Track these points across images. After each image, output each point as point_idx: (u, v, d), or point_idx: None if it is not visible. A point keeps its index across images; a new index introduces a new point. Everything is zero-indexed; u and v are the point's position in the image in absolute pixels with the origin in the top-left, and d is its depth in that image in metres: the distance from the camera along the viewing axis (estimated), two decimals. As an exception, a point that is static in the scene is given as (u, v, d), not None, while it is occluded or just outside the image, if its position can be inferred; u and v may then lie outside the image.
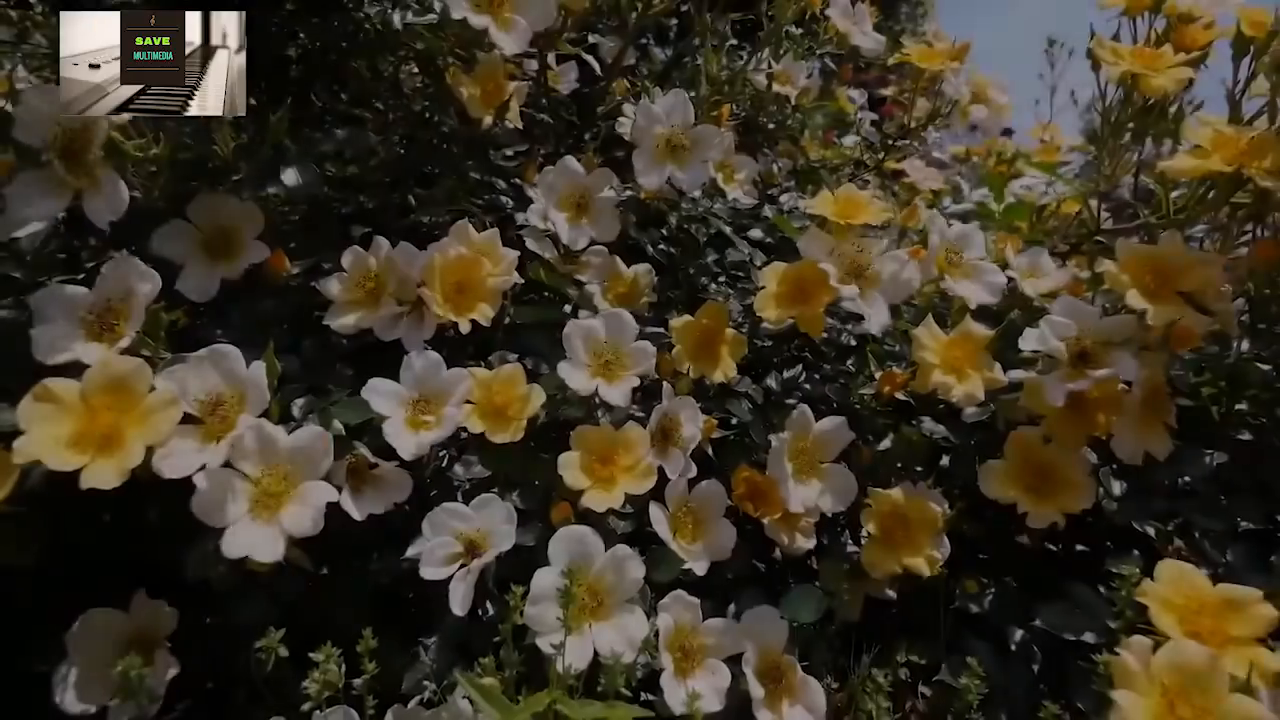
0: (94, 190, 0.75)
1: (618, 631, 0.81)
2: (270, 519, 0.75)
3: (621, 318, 0.98)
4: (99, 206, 0.74)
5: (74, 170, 0.74)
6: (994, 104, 1.25)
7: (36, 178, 0.75)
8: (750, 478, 1.02)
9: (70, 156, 0.75)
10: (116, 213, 0.75)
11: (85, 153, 0.75)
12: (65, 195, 0.75)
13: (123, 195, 0.74)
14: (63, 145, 0.75)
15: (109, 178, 0.75)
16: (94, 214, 0.74)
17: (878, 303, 0.92)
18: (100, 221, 0.75)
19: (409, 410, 0.90)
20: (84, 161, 0.75)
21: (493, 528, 0.83)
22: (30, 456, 0.64)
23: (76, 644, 0.80)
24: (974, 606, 1.06)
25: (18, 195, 0.74)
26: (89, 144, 0.75)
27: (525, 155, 1.45)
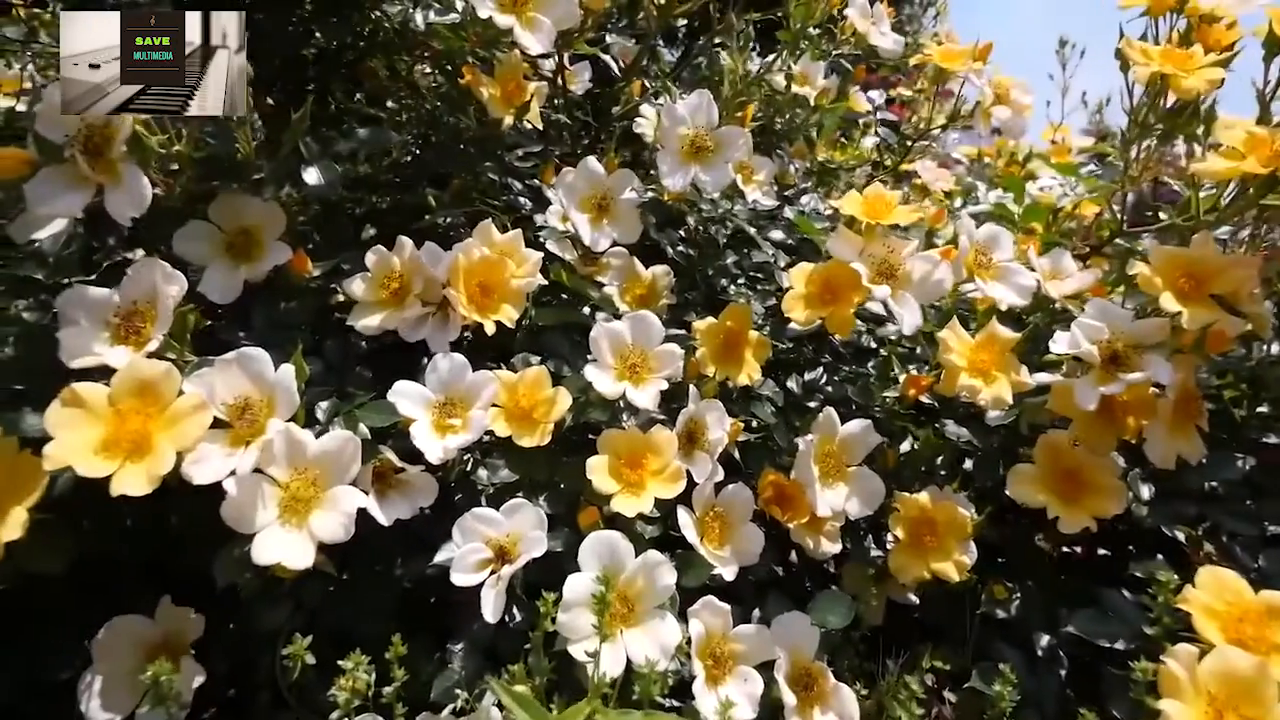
0: (116, 185, 0.74)
1: (650, 638, 0.80)
2: (300, 525, 0.74)
3: (647, 320, 0.97)
4: (121, 202, 0.73)
5: (96, 165, 0.73)
6: (1016, 105, 1.24)
7: (58, 173, 0.73)
8: (777, 481, 1.01)
9: (92, 151, 0.73)
10: (139, 208, 0.74)
11: (108, 148, 0.73)
12: (87, 190, 0.73)
13: (145, 190, 0.73)
14: (85, 140, 0.74)
15: (132, 172, 0.73)
16: (116, 209, 0.73)
17: (910, 304, 0.91)
18: (123, 217, 0.73)
19: (434, 413, 0.89)
20: (106, 157, 0.73)
21: (523, 533, 0.82)
22: (61, 462, 0.63)
23: (102, 651, 0.79)
24: (1000, 612, 1.05)
25: (39, 190, 0.73)
26: (111, 139, 0.74)
27: (539, 156, 1.44)
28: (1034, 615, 1.06)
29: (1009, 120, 1.23)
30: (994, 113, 1.23)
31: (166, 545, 0.89)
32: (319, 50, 1.18)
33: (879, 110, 1.63)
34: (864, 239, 0.94)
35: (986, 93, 1.22)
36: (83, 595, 0.87)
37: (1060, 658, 1.04)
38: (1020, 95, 1.25)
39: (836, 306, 0.94)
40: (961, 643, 1.07)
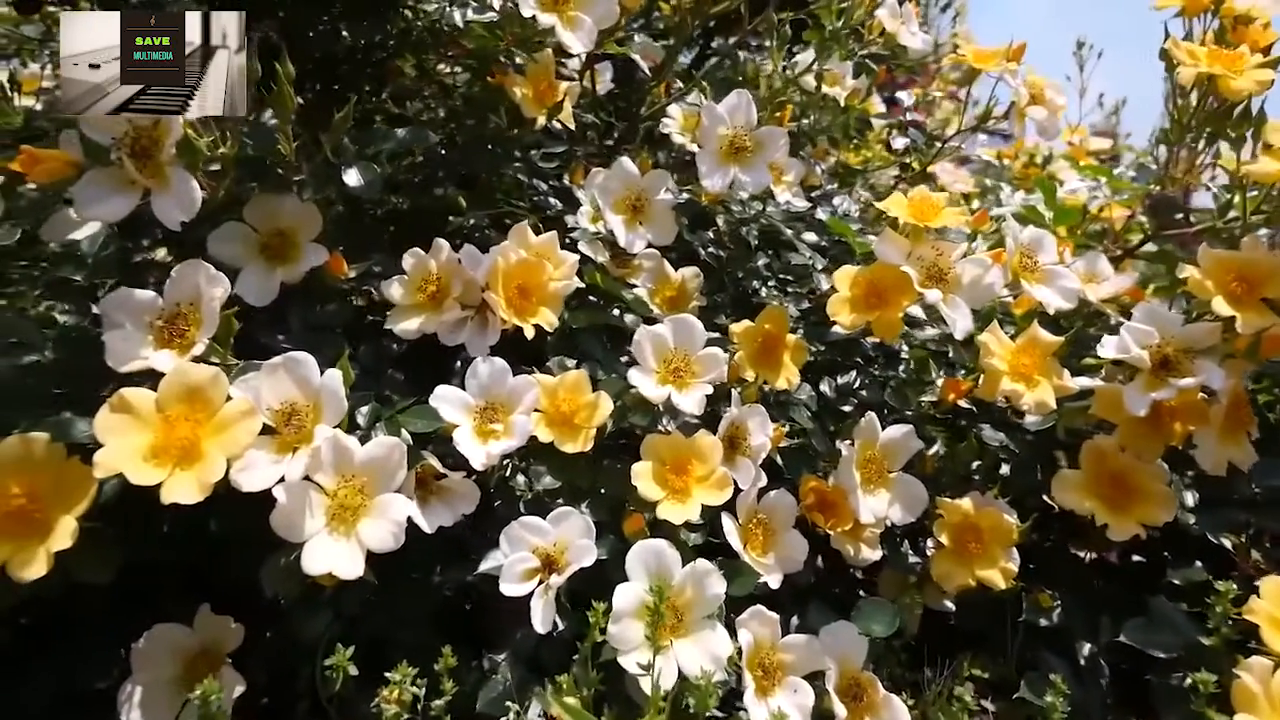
0: (164, 189, 0.72)
1: (700, 649, 0.78)
2: (348, 533, 0.72)
3: (689, 323, 0.95)
4: (169, 205, 0.72)
5: (143, 168, 0.71)
6: (1051, 105, 1.23)
7: (104, 176, 0.72)
8: (818, 487, 0.99)
9: (140, 154, 0.72)
10: (189, 212, 0.72)
11: (155, 150, 0.72)
12: (134, 194, 0.72)
13: (195, 194, 0.72)
14: (132, 142, 0.72)
15: (180, 176, 0.72)
16: (164, 213, 0.72)
17: (961, 308, 0.90)
18: (171, 221, 0.72)
19: (475, 419, 0.87)
20: (154, 159, 0.72)
21: (571, 542, 0.81)
22: (112, 470, 0.61)
23: (141, 661, 0.77)
24: (1043, 620, 1.04)
25: (85, 193, 0.71)
26: (159, 141, 0.72)
27: (561, 156, 1.43)
28: (1076, 623, 1.05)
29: (1045, 121, 1.21)
30: (1029, 113, 1.21)
31: (204, 552, 0.87)
32: (346, 49, 1.17)
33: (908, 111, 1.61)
34: (911, 241, 0.93)
35: (1022, 93, 1.20)
36: (118, 603, 0.85)
37: (1102, 667, 1.03)
38: (1054, 96, 1.23)
39: (884, 310, 0.92)
40: (1000, 651, 1.06)
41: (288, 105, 0.78)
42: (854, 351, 1.30)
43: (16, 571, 0.60)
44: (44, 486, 0.63)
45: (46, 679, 0.79)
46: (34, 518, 0.62)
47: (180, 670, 0.80)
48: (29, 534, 0.62)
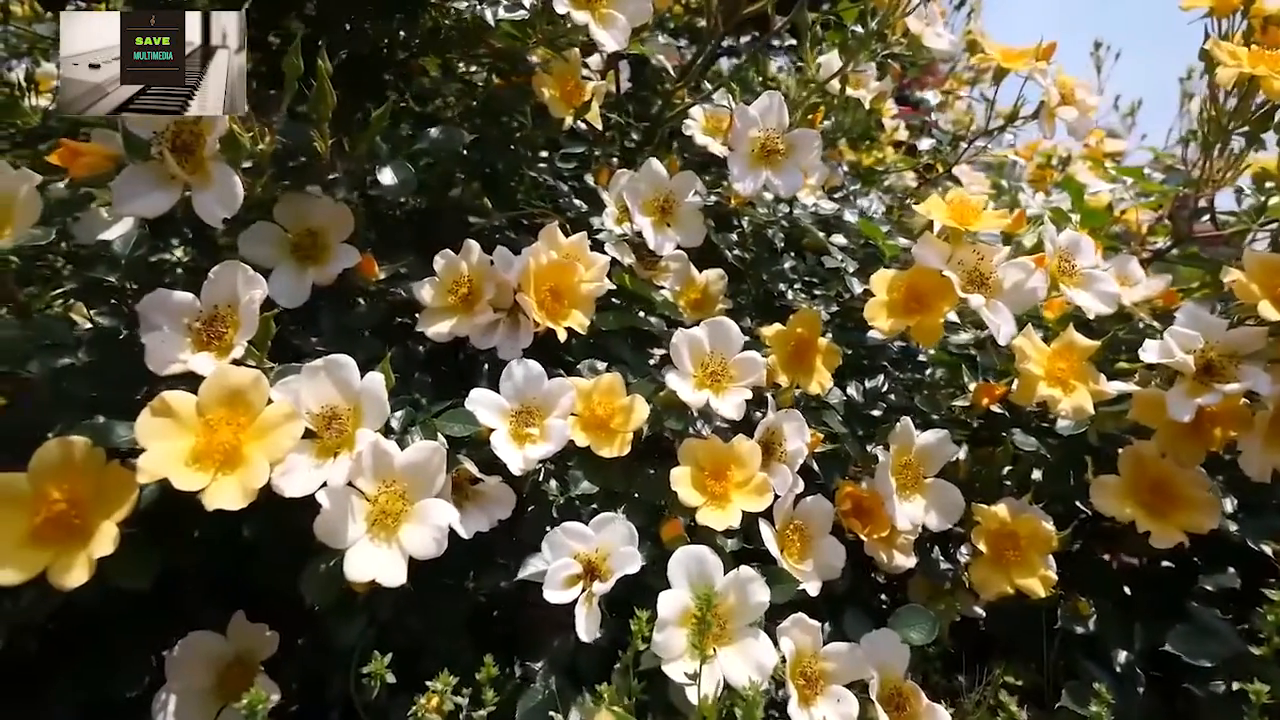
0: (205, 185, 0.71)
1: (744, 657, 0.77)
2: (389, 539, 0.71)
3: (726, 327, 0.94)
4: (211, 202, 0.70)
5: (185, 164, 0.70)
6: (1082, 105, 1.22)
7: (144, 170, 0.70)
8: (854, 493, 0.98)
9: (181, 149, 0.70)
10: (231, 209, 0.71)
11: (197, 145, 0.71)
12: (175, 189, 0.70)
13: (237, 190, 0.70)
14: (173, 137, 0.71)
15: (222, 171, 0.70)
16: (205, 210, 0.70)
17: (1003, 312, 0.88)
18: (213, 218, 0.71)
19: (511, 422, 0.86)
20: (196, 155, 0.71)
21: (614, 548, 0.79)
22: (156, 475, 0.60)
23: (176, 669, 0.76)
24: (1079, 628, 1.02)
25: (124, 189, 0.70)
26: (201, 136, 0.71)
27: (580, 158, 1.42)
28: (1110, 631, 1.03)
29: (1076, 122, 1.20)
30: (1059, 114, 1.20)
31: (233, 558, 0.86)
32: (372, 48, 1.15)
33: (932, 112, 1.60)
34: (951, 245, 0.92)
35: (1053, 93, 1.19)
36: (146, 610, 0.83)
37: (1138, 675, 1.01)
38: (1085, 96, 1.22)
39: (924, 315, 0.91)
40: (1032, 658, 1.05)
41: (328, 103, 0.77)
42: (878, 355, 1.29)
43: (58, 579, 0.58)
44: (84, 492, 0.62)
45: (76, 688, 0.78)
46: (74, 523, 0.61)
47: (214, 679, 0.78)
48: (69, 540, 0.61)
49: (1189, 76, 2.21)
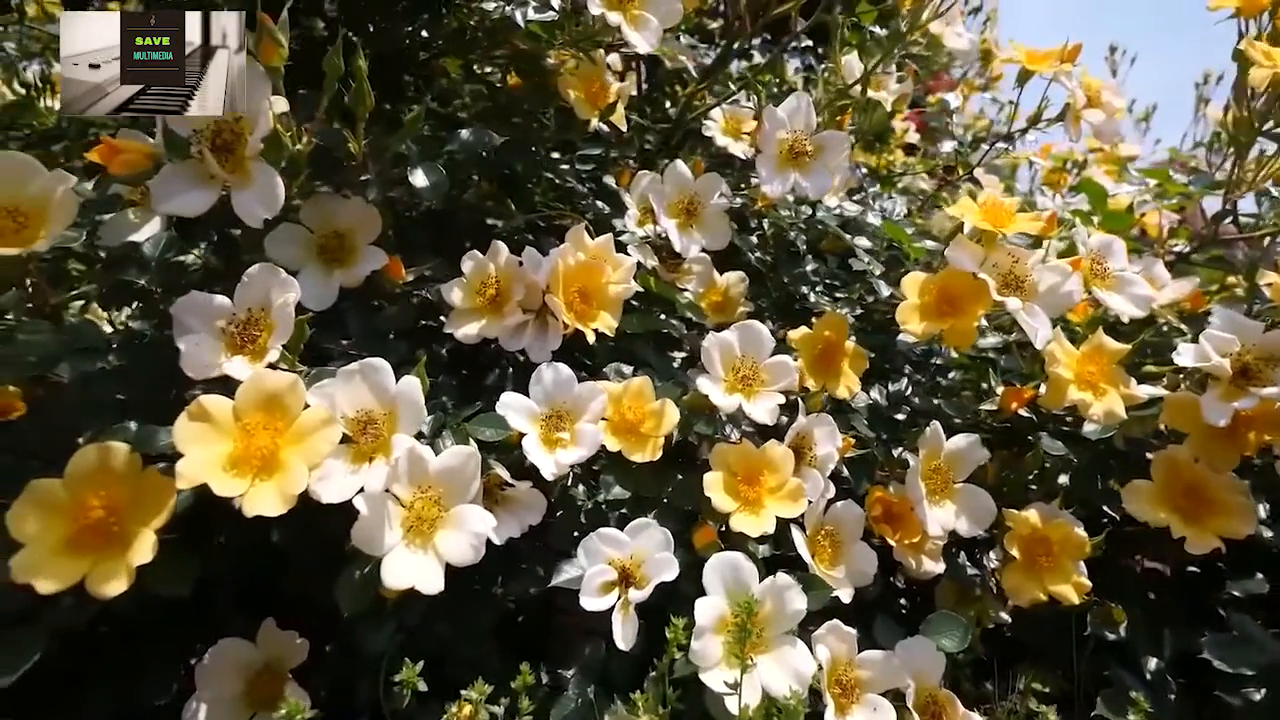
0: (246, 184, 0.70)
1: (781, 666, 0.76)
2: (425, 545, 0.70)
3: (756, 330, 0.93)
4: (251, 202, 0.69)
5: (225, 162, 0.69)
6: (1109, 107, 1.21)
7: (183, 169, 0.70)
8: (885, 499, 0.97)
9: (221, 148, 0.69)
10: (272, 209, 0.70)
11: (238, 145, 0.70)
12: (214, 189, 0.70)
13: (278, 190, 0.69)
14: (213, 135, 0.70)
15: (263, 171, 0.69)
16: (245, 209, 0.69)
17: (1039, 316, 0.87)
18: (253, 219, 0.70)
19: (541, 426, 0.85)
20: (236, 154, 0.70)
21: (648, 555, 0.78)
22: (195, 480, 0.59)
23: (206, 677, 0.75)
24: (1110, 634, 1.01)
25: (163, 187, 0.69)
26: (242, 135, 0.70)
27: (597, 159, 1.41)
28: (1140, 637, 1.02)
29: (1103, 124, 1.19)
30: (1085, 116, 1.19)
31: (261, 564, 0.85)
32: (395, 49, 1.15)
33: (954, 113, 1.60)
34: (984, 248, 0.91)
35: (1079, 96, 1.18)
36: (173, 617, 0.82)
37: (1169, 682, 1.00)
38: (1112, 98, 1.21)
39: (958, 319, 0.90)
40: (1059, 664, 1.04)
41: (367, 104, 0.76)
42: (897, 358, 1.28)
43: (98, 587, 0.57)
44: (121, 498, 0.61)
45: (105, 697, 0.77)
46: (112, 530, 0.60)
47: (243, 686, 0.77)
48: (107, 547, 0.60)
49: (1205, 81, 2.21)
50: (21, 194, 0.66)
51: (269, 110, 0.68)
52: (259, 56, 0.70)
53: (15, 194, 0.66)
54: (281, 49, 0.70)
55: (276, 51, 0.69)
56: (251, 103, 0.70)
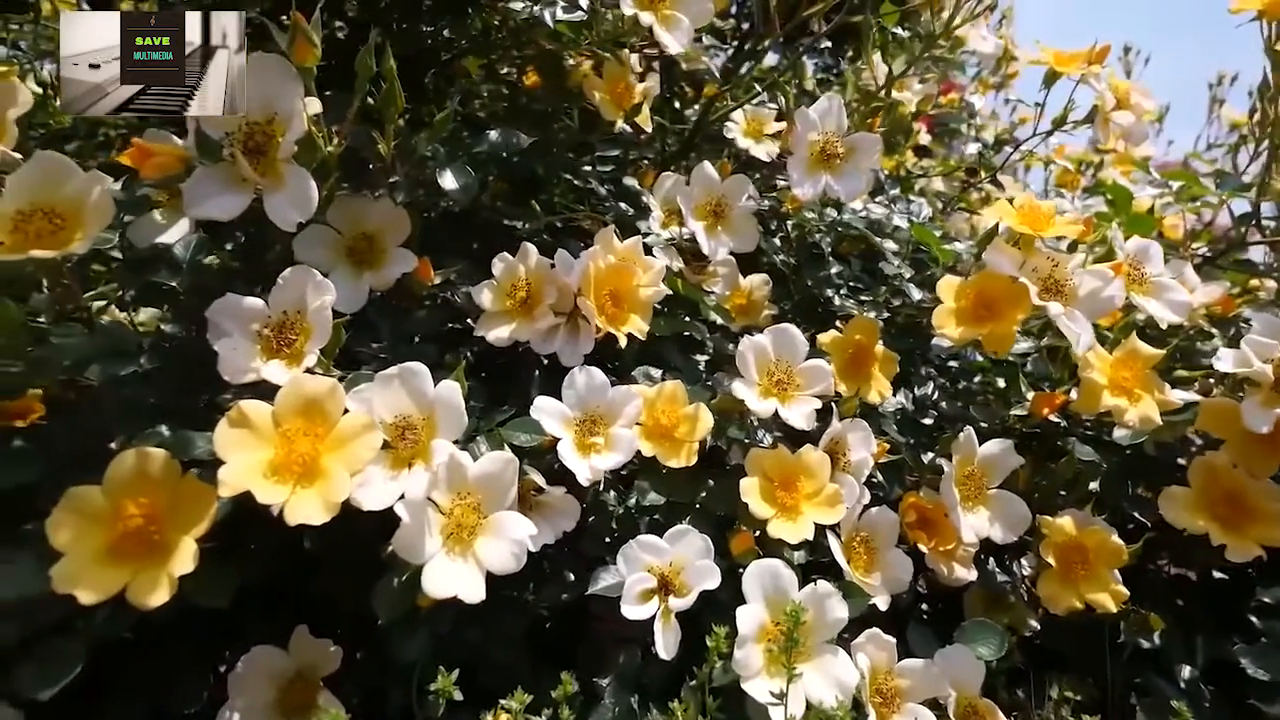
0: (278, 187, 0.68)
1: (823, 675, 0.75)
2: (464, 553, 0.69)
3: (790, 334, 0.92)
4: (284, 205, 0.68)
5: (257, 165, 0.68)
6: (1137, 109, 1.20)
7: (215, 172, 0.68)
8: (918, 504, 0.96)
9: (254, 150, 0.68)
10: (306, 213, 0.69)
11: (270, 147, 0.68)
12: (246, 192, 0.68)
13: (311, 193, 0.68)
14: (245, 138, 0.69)
15: (296, 174, 0.68)
16: (278, 213, 0.68)
17: (1081, 321, 0.86)
18: (287, 223, 0.68)
19: (574, 431, 0.84)
20: (268, 156, 0.69)
21: (688, 562, 0.77)
22: (238, 488, 0.58)
23: (239, 686, 0.74)
24: (1145, 642, 1.00)
25: (195, 190, 0.68)
26: (274, 137, 0.69)
27: (616, 160, 1.40)
28: (1173, 645, 1.02)
29: (1131, 126, 1.18)
30: (1114, 118, 1.18)
31: (291, 570, 0.83)
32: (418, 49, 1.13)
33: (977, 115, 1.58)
34: (1023, 251, 0.90)
35: (1108, 98, 1.17)
36: (206, 624, 0.81)
37: (1203, 691, 0.99)
38: (1141, 100, 1.20)
39: (996, 323, 0.89)
40: (1090, 672, 1.03)
41: (398, 105, 0.75)
42: (921, 363, 1.27)
43: (139, 598, 0.56)
44: (161, 505, 0.60)
45: (136, 706, 0.76)
46: (152, 539, 0.59)
47: (275, 695, 0.76)
48: (147, 556, 0.58)
49: (1219, 82, 2.20)
50: (57, 195, 0.65)
51: (303, 112, 0.67)
52: (292, 56, 0.68)
53: (51, 195, 0.64)
54: (315, 49, 0.68)
55: (311, 52, 0.68)
56: (283, 104, 0.69)
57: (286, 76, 0.68)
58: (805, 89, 1.69)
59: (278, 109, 0.68)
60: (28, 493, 0.64)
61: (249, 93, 0.68)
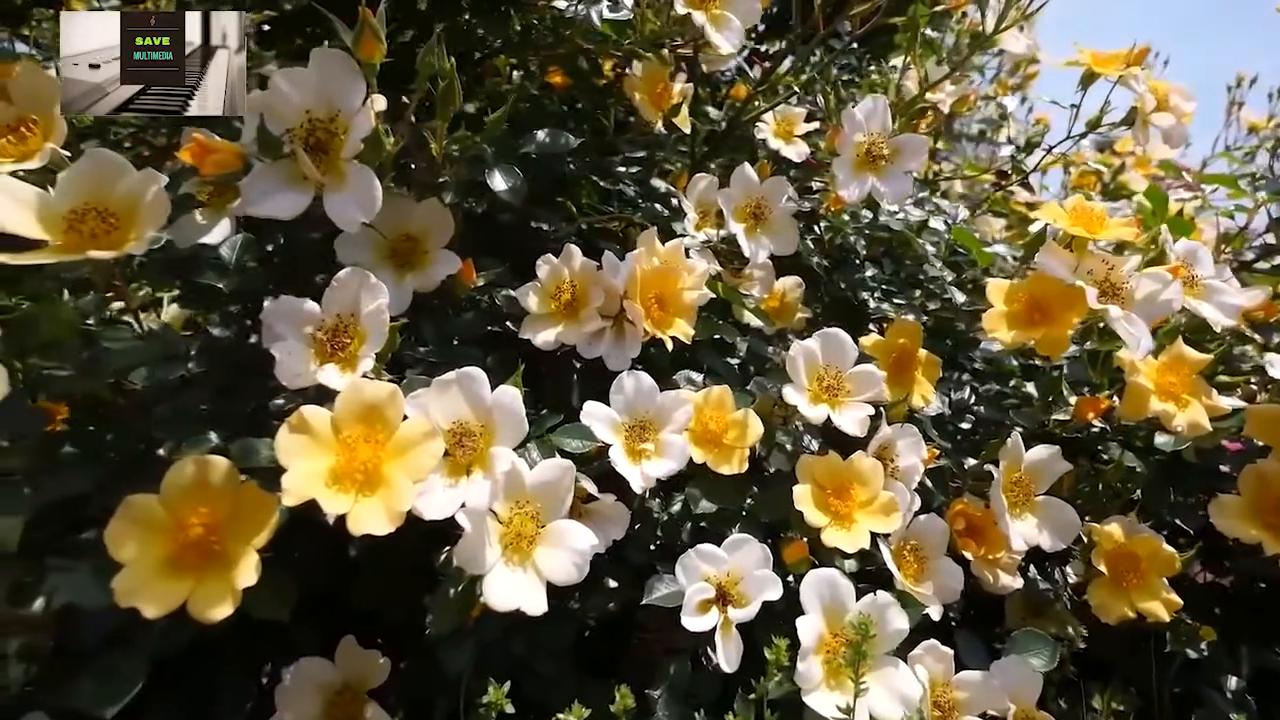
0: (340, 186, 0.66)
1: (886, 688, 0.73)
2: (523, 563, 0.67)
3: (839, 338, 0.91)
4: (346, 204, 0.66)
5: (319, 163, 0.66)
6: (1178, 111, 1.18)
7: (275, 170, 0.67)
8: (966, 511, 0.95)
9: (316, 148, 0.66)
10: (369, 213, 0.67)
11: (332, 144, 0.67)
12: (307, 191, 0.67)
13: (375, 193, 0.66)
14: (307, 135, 0.67)
15: (359, 173, 0.66)
16: (340, 213, 0.66)
17: (1140, 325, 0.85)
18: (349, 223, 0.67)
19: (624, 437, 0.82)
20: (331, 154, 0.67)
21: (746, 571, 0.76)
22: (302, 496, 0.56)
23: (287, 699, 0.72)
24: (1193, 652, 0.99)
25: (255, 188, 0.66)
26: (337, 134, 0.67)
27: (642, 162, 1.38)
28: (1219, 654, 1.00)
29: (1172, 128, 1.16)
30: (1153, 120, 1.17)
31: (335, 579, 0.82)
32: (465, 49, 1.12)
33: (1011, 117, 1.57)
34: (1076, 254, 0.88)
35: (1148, 99, 1.15)
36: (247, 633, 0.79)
37: (1249, 701, 0.98)
38: (1181, 102, 1.19)
39: (1050, 327, 0.87)
40: (1133, 681, 1.02)
41: (456, 104, 0.73)
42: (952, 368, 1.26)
43: (202, 611, 0.54)
44: (220, 515, 0.58)
45: (179, 716, 0.74)
46: (212, 549, 0.57)
47: (321, 707, 0.74)
48: (208, 567, 0.57)
49: (1238, 84, 2.19)
50: (111, 194, 0.63)
51: (370, 109, 0.65)
52: (358, 53, 0.67)
53: (105, 194, 0.62)
54: (382, 46, 0.67)
55: (378, 48, 0.66)
56: (347, 101, 0.67)
57: (351, 73, 0.66)
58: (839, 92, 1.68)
59: (341, 106, 0.67)
60: (78, 501, 0.62)
61: (311, 88, 0.66)
